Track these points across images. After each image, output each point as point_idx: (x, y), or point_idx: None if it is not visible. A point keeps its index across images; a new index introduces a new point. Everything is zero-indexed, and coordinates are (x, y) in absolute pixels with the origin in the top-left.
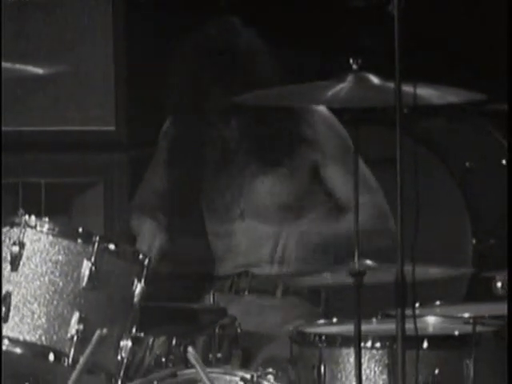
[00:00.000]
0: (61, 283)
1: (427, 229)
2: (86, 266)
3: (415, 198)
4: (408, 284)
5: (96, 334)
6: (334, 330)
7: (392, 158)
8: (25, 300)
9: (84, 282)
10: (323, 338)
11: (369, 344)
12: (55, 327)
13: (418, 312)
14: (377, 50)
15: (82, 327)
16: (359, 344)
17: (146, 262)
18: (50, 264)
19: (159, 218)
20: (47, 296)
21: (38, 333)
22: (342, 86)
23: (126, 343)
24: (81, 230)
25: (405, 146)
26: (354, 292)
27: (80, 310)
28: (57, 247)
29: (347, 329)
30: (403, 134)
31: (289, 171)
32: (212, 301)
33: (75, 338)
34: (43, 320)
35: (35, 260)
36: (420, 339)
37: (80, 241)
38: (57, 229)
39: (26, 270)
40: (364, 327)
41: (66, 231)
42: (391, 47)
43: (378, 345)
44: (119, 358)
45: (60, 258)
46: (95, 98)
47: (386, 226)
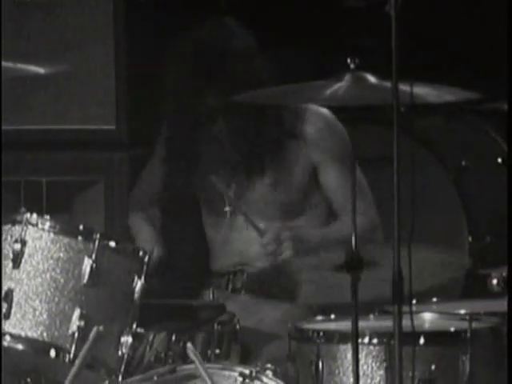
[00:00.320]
0: (62, 280)
1: (423, 226)
2: (87, 263)
3: (411, 195)
4: (405, 281)
5: (93, 330)
6: (332, 326)
7: (389, 157)
8: (27, 297)
9: (85, 278)
10: (321, 334)
11: (366, 340)
12: (56, 323)
13: (414, 309)
14: (374, 50)
15: (82, 324)
16: (356, 340)
17: (146, 259)
18: (52, 261)
19: (155, 220)
20: (49, 293)
21: (40, 329)
22: (340, 85)
23: (127, 339)
24: (82, 227)
25: (402, 145)
26: (351, 288)
27: (81, 307)
28: (58, 245)
29: (345, 325)
30: (400, 133)
31: (287, 170)
32: (211, 297)
33: (76, 335)
34: (45, 316)
35: (37, 257)
36: (417, 335)
37: (81, 238)
38: (58, 226)
39: (27, 267)
40: (361, 323)
41: (67, 229)
42: (388, 47)
43: (375, 341)
44: (120, 353)
45: (61, 255)
46: (96, 97)
47: (374, 237)
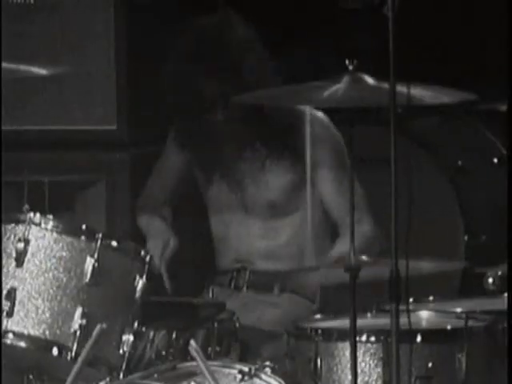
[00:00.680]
0: (64, 279)
1: (420, 226)
2: (89, 263)
3: (408, 195)
4: (402, 280)
5: (96, 328)
6: (330, 324)
7: (386, 157)
8: (29, 295)
9: (87, 277)
10: (319, 332)
11: (364, 338)
12: (59, 322)
13: (411, 307)
14: (372, 51)
15: (84, 322)
16: (354, 338)
17: (148, 258)
18: (54, 260)
19: (166, 217)
20: (51, 291)
21: (42, 327)
22: (338, 87)
23: (128, 337)
24: (84, 227)
25: (399, 145)
26: (350, 287)
27: (83, 305)
28: (61, 244)
29: (343, 323)
30: (397, 134)
31: (289, 166)
32: (211, 295)
33: (78, 333)
34: (47, 315)
35: (40, 256)
36: (414, 333)
37: (83, 238)
38: (61, 226)
39: (30, 266)
40: (359, 322)
41: (69, 228)
42: (386, 48)
43: (372, 339)
44: (121, 351)
45: (64, 254)
46: (97, 97)
47: (371, 250)
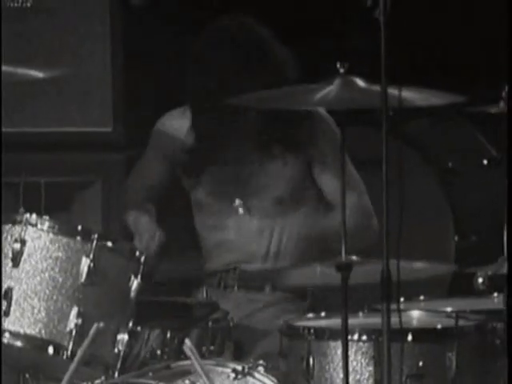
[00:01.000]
0: (60, 279)
1: (411, 227)
2: (85, 263)
3: (399, 196)
4: (393, 279)
5: (93, 327)
6: (322, 323)
7: (378, 159)
8: (26, 295)
9: (83, 277)
10: (312, 331)
11: (355, 337)
12: (55, 321)
13: (402, 306)
14: (363, 54)
15: (80, 321)
16: (346, 337)
17: (143, 258)
18: (50, 261)
19: (152, 212)
20: (47, 291)
21: (38, 326)
22: (330, 89)
23: (123, 337)
24: (80, 228)
25: (390, 147)
26: (341, 286)
27: (78, 305)
28: (57, 244)
29: (335, 322)
30: (389, 136)
31: (284, 165)
32: (205, 295)
33: (74, 332)
34: (43, 314)
35: (36, 257)
36: (405, 332)
37: (79, 238)
38: (57, 227)
39: (26, 267)
40: (351, 321)
41: (65, 229)
42: (377, 51)
43: (364, 338)
44: (116, 350)
45: (60, 254)
46: (93, 99)
47: (369, 224)
